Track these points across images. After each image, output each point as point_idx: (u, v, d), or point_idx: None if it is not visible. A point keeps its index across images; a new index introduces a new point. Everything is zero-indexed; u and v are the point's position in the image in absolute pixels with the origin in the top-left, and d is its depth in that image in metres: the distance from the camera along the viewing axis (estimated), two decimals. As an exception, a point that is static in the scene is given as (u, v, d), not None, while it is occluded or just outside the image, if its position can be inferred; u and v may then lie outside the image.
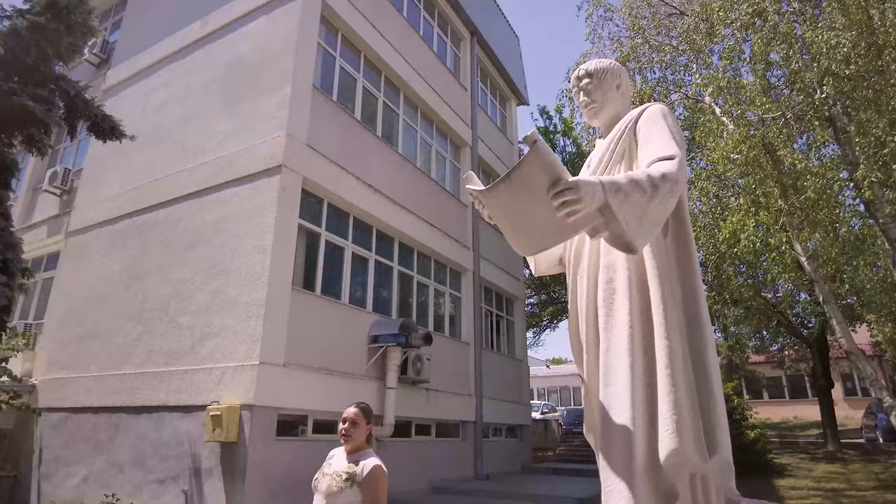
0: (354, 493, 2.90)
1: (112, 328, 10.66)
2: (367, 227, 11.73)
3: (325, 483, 2.98)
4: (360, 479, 2.91)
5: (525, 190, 2.17)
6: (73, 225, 12.75)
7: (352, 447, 3.10)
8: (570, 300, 2.81)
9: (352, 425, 3.11)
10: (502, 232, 2.50)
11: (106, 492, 9.07)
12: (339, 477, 2.95)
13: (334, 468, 3.03)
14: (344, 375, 10.04)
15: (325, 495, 2.96)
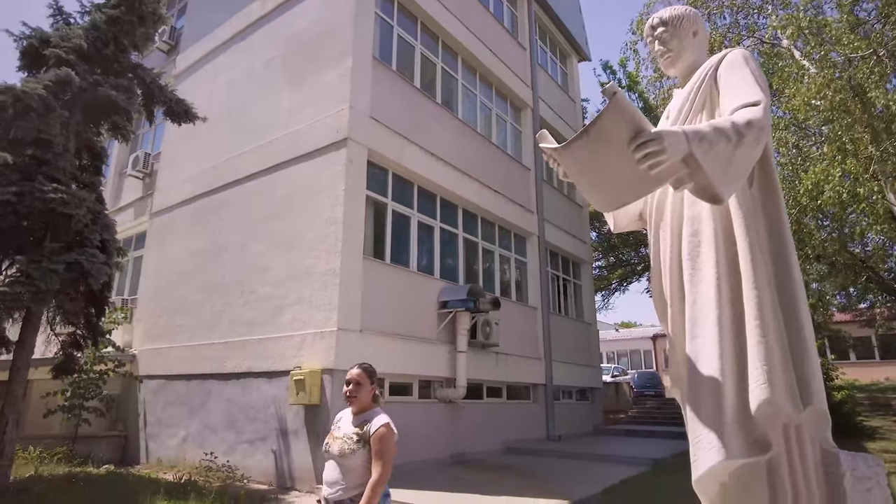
0: (367, 453, 2.87)
1: (197, 301, 11.36)
2: (431, 195, 11.83)
3: (337, 446, 2.92)
4: (369, 439, 2.89)
5: (604, 144, 2.14)
6: (156, 206, 13.55)
7: (358, 408, 3.05)
8: (652, 255, 2.77)
9: (356, 386, 3.05)
10: (580, 189, 2.48)
11: (202, 451, 9.81)
12: (350, 439, 2.91)
13: (343, 431, 2.99)
14: (416, 340, 10.31)
15: (338, 458, 2.91)
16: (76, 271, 7.83)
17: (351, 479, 2.84)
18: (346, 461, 2.84)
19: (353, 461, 2.83)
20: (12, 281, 7.50)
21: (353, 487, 2.83)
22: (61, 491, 7.44)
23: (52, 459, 9.93)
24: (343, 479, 2.84)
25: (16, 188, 7.60)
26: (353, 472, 2.84)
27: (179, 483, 8.30)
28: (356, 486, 2.82)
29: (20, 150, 8.28)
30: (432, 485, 8.24)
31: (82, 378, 10.36)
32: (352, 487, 2.83)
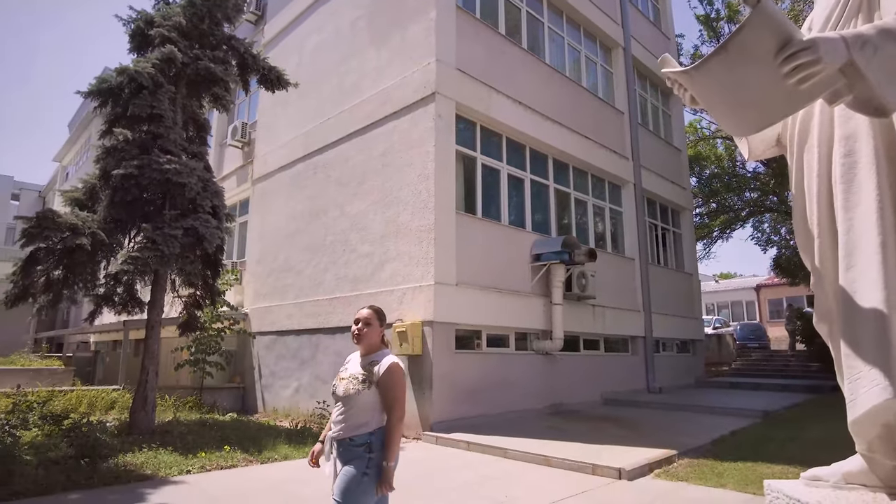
0: (373, 394, 2.78)
1: (301, 261, 11.95)
2: (520, 146, 11.58)
3: (343, 387, 2.84)
4: (377, 379, 2.79)
5: (745, 59, 1.93)
6: (257, 173, 14.23)
7: (365, 348, 2.95)
8: (794, 183, 2.52)
9: (365, 325, 2.94)
10: (711, 114, 2.28)
11: (314, 401, 10.46)
12: (356, 379, 2.82)
13: (350, 371, 2.91)
14: (511, 293, 10.31)
15: (342, 398, 2.83)
16: (192, 236, 8.44)
17: (353, 418, 2.78)
18: (351, 401, 2.78)
19: (357, 401, 2.76)
20: (140, 247, 8.20)
21: (354, 426, 2.77)
22: (197, 433, 8.23)
23: (185, 407, 11.00)
24: (346, 418, 2.79)
25: (136, 162, 8.21)
26: (356, 411, 2.77)
27: (296, 429, 8.93)
28: (358, 425, 2.77)
29: (137, 127, 8.91)
30: (531, 433, 8.34)
31: (203, 335, 11.29)
32: (353, 426, 2.77)
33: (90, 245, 7.94)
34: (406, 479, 6.19)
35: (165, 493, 5.33)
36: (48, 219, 7.80)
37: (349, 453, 2.75)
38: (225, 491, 5.50)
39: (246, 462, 6.71)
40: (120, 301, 9.31)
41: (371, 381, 2.77)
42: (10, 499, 5.03)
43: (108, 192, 8.44)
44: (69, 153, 33.67)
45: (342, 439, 2.78)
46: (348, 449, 2.76)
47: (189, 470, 6.21)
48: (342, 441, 2.78)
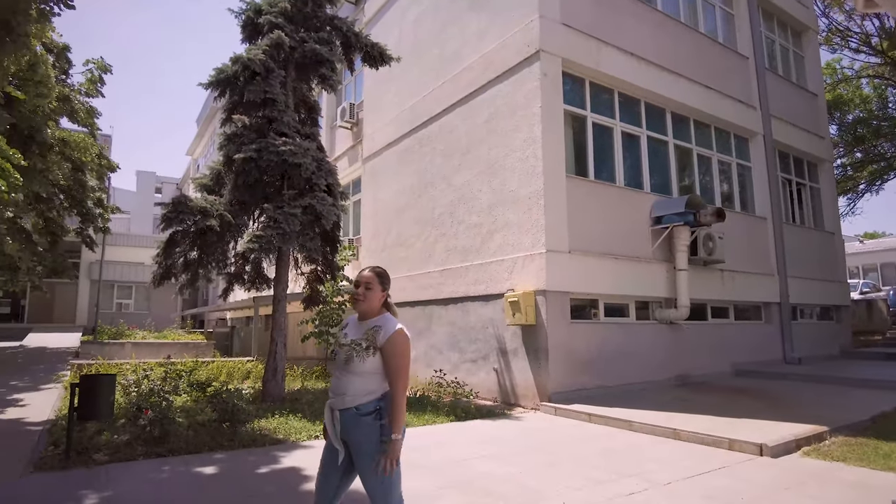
0: (376, 361, 2.64)
1: (412, 235, 12.11)
2: (634, 101, 10.81)
3: (344, 353, 2.69)
4: (381, 345, 2.63)
5: None
6: (366, 152, 14.57)
7: (364, 310, 2.76)
8: None
9: (366, 288, 2.75)
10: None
11: (431, 369, 10.64)
12: (359, 345, 2.65)
13: (350, 337, 2.74)
14: (629, 259, 9.76)
15: (344, 365, 2.69)
16: (311, 213, 8.78)
17: (357, 385, 2.64)
18: (354, 367, 2.63)
19: (360, 368, 2.62)
20: (264, 226, 8.66)
21: (359, 395, 2.63)
22: (323, 401, 8.63)
23: (312, 376, 11.67)
24: (349, 386, 2.65)
25: (255, 146, 8.64)
26: (359, 378, 2.64)
27: (415, 397, 9.12)
28: (363, 393, 2.63)
29: (253, 113, 9.37)
30: (656, 405, 7.88)
31: (326, 308, 11.83)
32: (358, 395, 2.63)
33: (219, 226, 8.52)
34: (530, 447, 6.11)
35: (296, 456, 5.62)
36: (182, 203, 8.45)
37: (355, 423, 2.62)
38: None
39: (369, 429, 6.93)
40: (249, 278, 9.99)
41: (375, 347, 2.63)
42: (167, 455, 5.55)
43: (231, 177, 8.98)
44: (199, 146, 36.71)
45: (346, 409, 2.64)
46: (354, 418, 2.62)
47: (317, 436, 6.51)
48: (346, 410, 2.64)
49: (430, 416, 7.61)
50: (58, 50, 17.73)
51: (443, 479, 4.80)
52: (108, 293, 29.65)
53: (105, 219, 21.33)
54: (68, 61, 18.46)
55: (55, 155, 16.69)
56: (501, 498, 4.31)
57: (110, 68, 19.72)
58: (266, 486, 4.61)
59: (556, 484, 4.67)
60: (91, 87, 19.32)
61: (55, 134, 16.86)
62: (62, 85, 17.74)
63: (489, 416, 7.94)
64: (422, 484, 4.66)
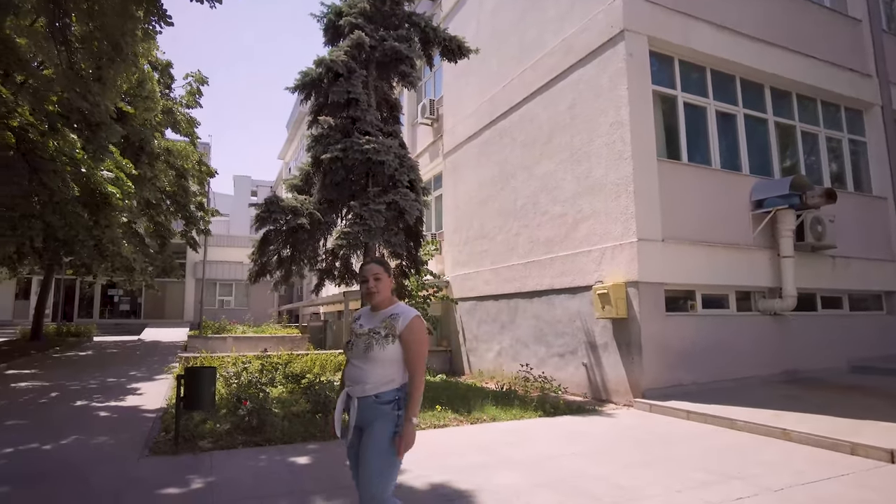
0: (396, 349, 2.64)
1: (494, 227, 12.01)
2: (728, 77, 10.09)
3: (363, 343, 2.67)
4: (400, 332, 2.64)
5: None
6: (446, 146, 14.61)
7: (378, 302, 2.77)
8: None
9: (375, 280, 2.75)
10: None
11: (517, 363, 10.52)
12: (378, 334, 2.65)
13: (368, 327, 2.73)
14: (727, 247, 9.14)
15: (364, 354, 2.65)
16: (394, 209, 8.91)
17: (377, 374, 2.63)
18: (374, 355, 2.62)
19: (380, 356, 2.62)
20: (351, 223, 8.90)
21: (380, 383, 2.63)
22: (411, 394, 8.77)
23: (400, 370, 11.88)
24: (369, 375, 2.63)
25: (340, 145, 8.87)
26: (379, 367, 2.63)
27: (502, 391, 9.05)
28: (384, 381, 2.63)
29: (338, 113, 9.61)
30: (761, 402, 7.32)
31: (411, 302, 12.02)
32: (379, 383, 2.63)
33: (309, 224, 8.84)
34: (623, 445, 5.86)
35: (388, 447, 5.70)
36: (274, 203, 8.84)
37: (374, 411, 2.61)
38: (439, 449, 5.71)
39: (456, 422, 6.93)
40: (339, 274, 10.31)
41: (394, 336, 2.64)
42: (264, 444, 5.81)
43: (319, 176, 9.28)
44: (289, 150, 38.43)
45: (365, 397, 2.63)
46: (373, 407, 2.61)
47: (406, 427, 6.59)
48: (365, 399, 2.63)
49: (517, 411, 7.50)
50: (161, 67, 19.13)
51: (534, 476, 4.70)
52: (210, 291, 31.76)
53: (206, 221, 22.84)
54: (171, 76, 19.87)
55: (161, 163, 18.02)
56: (595, 498, 4.14)
57: (207, 80, 21.03)
58: (358, 477, 4.71)
59: (654, 485, 4.43)
60: (190, 98, 20.70)
61: (161, 144, 18.22)
62: (166, 99, 19.13)
63: (579, 412, 7.72)
64: (514, 480, 4.58)
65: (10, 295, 28.01)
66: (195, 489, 4.38)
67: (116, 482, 4.54)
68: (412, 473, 4.73)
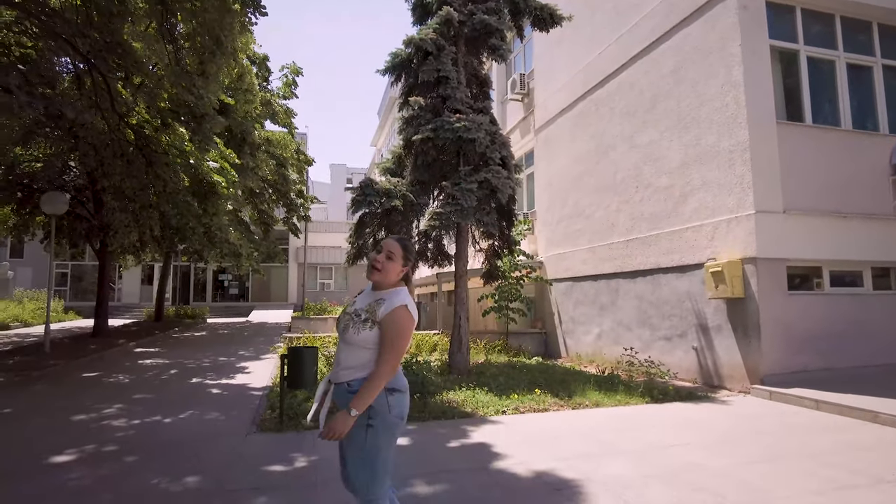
0: (373, 335, 2.33)
1: (591, 204, 11.45)
2: (863, 24, 8.87)
3: (341, 324, 2.45)
4: (380, 319, 2.33)
5: None
6: (538, 121, 14.12)
7: (379, 280, 2.46)
8: None
9: (386, 257, 2.45)
10: None
11: (617, 347, 10.02)
12: (357, 316, 2.39)
13: (356, 307, 2.46)
14: (861, 217, 8.11)
15: (342, 336, 2.42)
16: (486, 188, 8.68)
17: (351, 359, 2.38)
18: (349, 338, 2.37)
19: (355, 339, 2.35)
20: (442, 203, 8.78)
21: (353, 370, 2.37)
22: (508, 375, 8.59)
23: (494, 350, 11.73)
24: (345, 359, 2.40)
25: (431, 125, 8.74)
26: (354, 351, 2.37)
27: (603, 376, 8.64)
28: (357, 367, 2.36)
29: (428, 93, 9.49)
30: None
31: (504, 283, 11.79)
32: (350, 369, 2.37)
33: (402, 206, 8.81)
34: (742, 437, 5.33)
35: (485, 431, 5.55)
36: (368, 186, 8.89)
37: (345, 400, 2.32)
38: (539, 433, 5.48)
39: (557, 406, 6.66)
40: (432, 255, 10.29)
41: (374, 321, 2.35)
42: (366, 425, 5.85)
43: (411, 158, 9.23)
44: (381, 136, 39.15)
45: (339, 383, 2.40)
46: (345, 395, 2.35)
47: (504, 410, 6.41)
48: (339, 386, 2.40)
49: (622, 397, 7.10)
50: (259, 60, 19.96)
51: (644, 467, 4.35)
52: (312, 274, 33.23)
53: (306, 208, 23.80)
54: (268, 69, 20.71)
55: (262, 153, 18.89)
56: (717, 495, 3.75)
57: (301, 71, 21.73)
58: (455, 461, 4.58)
59: (785, 484, 3.95)
60: (287, 89, 21.50)
61: (261, 135, 19.08)
62: (264, 91, 19.97)
63: (690, 398, 7.18)
64: (622, 470, 4.27)
65: (136, 280, 30.83)
66: (298, 468, 4.44)
67: (226, 457, 4.71)
68: (514, 459, 4.54)
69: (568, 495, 3.77)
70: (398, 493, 2.93)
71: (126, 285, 30.69)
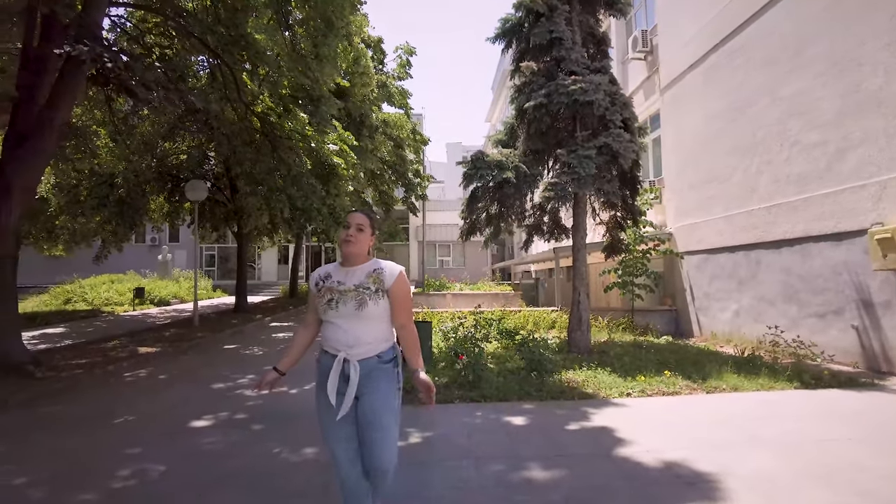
0: (385, 304, 2.47)
1: (727, 167, 10.34)
2: None
3: (352, 301, 2.42)
4: (389, 287, 2.47)
5: None
6: (664, 80, 12.99)
7: (354, 253, 2.52)
8: None
9: (357, 230, 2.53)
10: None
11: (758, 326, 9.02)
12: (368, 289, 2.44)
13: (352, 283, 2.47)
14: None
15: (355, 314, 2.42)
16: (606, 153, 8.09)
17: (376, 332, 2.46)
18: (369, 312, 2.42)
19: (375, 313, 2.43)
20: (558, 173, 8.34)
21: (379, 342, 2.47)
22: (633, 355, 8.05)
23: (617, 328, 11.12)
24: (366, 334, 2.44)
25: (544, 91, 8.29)
26: (374, 324, 2.45)
27: (742, 357, 7.81)
28: (382, 339, 2.48)
29: (540, 57, 9.02)
30: None
31: (628, 257, 11.07)
32: (378, 342, 2.47)
33: (515, 178, 8.48)
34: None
35: (608, 414, 5.18)
36: (479, 159, 8.67)
37: (378, 372, 2.44)
38: (669, 419, 5.00)
39: (689, 389, 6.08)
40: (547, 229, 9.92)
41: (383, 291, 2.47)
42: (480, 400, 5.72)
43: (524, 127, 8.86)
44: (495, 111, 38.68)
45: (367, 358, 2.43)
46: (377, 367, 2.44)
47: (629, 392, 5.97)
48: (367, 360, 2.43)
49: (765, 381, 6.33)
50: (374, 43, 20.37)
51: (795, 463, 3.78)
52: (430, 252, 33.95)
53: (423, 187, 24.17)
54: (382, 52, 21.08)
55: (380, 135, 19.34)
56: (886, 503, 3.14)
57: (415, 50, 21.86)
58: (575, 445, 4.29)
59: None
60: (401, 70, 21.77)
61: (378, 117, 19.52)
62: (379, 73, 20.38)
63: (849, 385, 6.23)
64: (768, 465, 3.74)
65: (273, 260, 33.42)
66: (413, 443, 4.40)
67: (345, 429, 4.80)
68: (640, 446, 4.16)
69: (704, 491, 3.34)
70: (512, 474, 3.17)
71: (265, 265, 33.36)
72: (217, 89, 10.62)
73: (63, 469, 3.98)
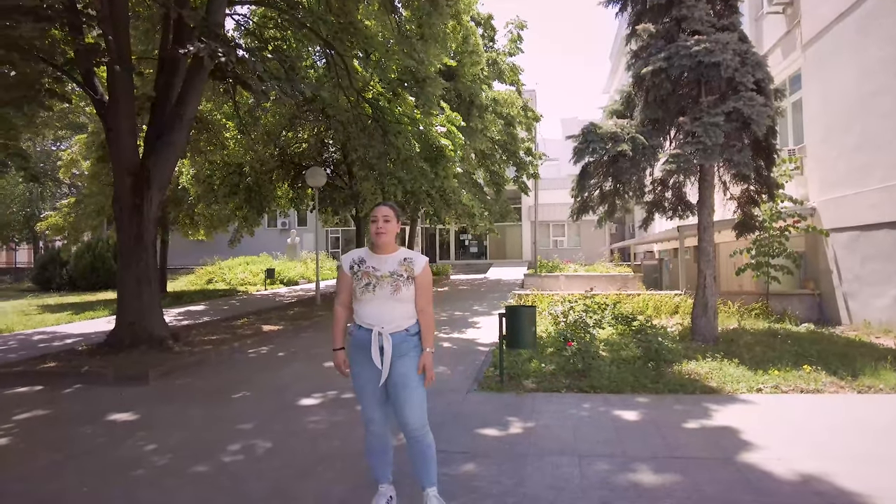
0: (412, 289, 2.87)
1: (885, 130, 8.88)
2: None
3: (388, 286, 2.82)
4: (415, 275, 2.87)
5: None
6: (807, 34, 11.42)
7: (386, 242, 2.90)
8: None
9: (385, 221, 2.88)
10: None
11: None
12: (401, 276, 2.84)
13: (387, 269, 2.85)
14: None
15: (392, 297, 2.82)
16: (736, 119, 7.24)
17: (404, 311, 2.86)
18: (402, 296, 2.83)
19: (407, 296, 2.85)
20: (680, 143, 7.63)
21: (407, 318, 2.88)
22: (766, 345, 7.23)
23: (749, 314, 10.08)
24: (399, 312, 2.85)
25: (663, 54, 7.57)
26: (404, 305, 2.85)
27: (906, 350, 6.71)
28: (409, 317, 2.88)
29: (659, 18, 8.24)
30: None
31: (763, 235, 9.97)
32: (406, 318, 2.87)
33: (631, 150, 7.86)
34: None
35: (733, 412, 4.62)
36: (591, 132, 8.12)
37: (407, 343, 2.85)
38: (807, 422, 4.36)
39: (834, 388, 5.29)
40: (669, 205, 9.18)
41: (412, 277, 2.86)
42: (589, 391, 5.39)
43: (641, 95, 8.18)
44: (613, 83, 36.73)
45: (399, 332, 2.84)
46: (405, 339, 2.85)
47: (760, 388, 5.31)
48: (399, 333, 2.84)
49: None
50: (483, 21, 20.02)
51: (980, 486, 3.10)
52: (544, 231, 33.24)
53: (534, 165, 23.56)
54: (492, 28, 20.67)
55: (490, 114, 19.04)
56: None
57: (525, 24, 21.20)
58: (692, 446, 3.85)
59: None
60: (512, 45, 21.22)
61: (488, 95, 19.22)
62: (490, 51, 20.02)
63: None
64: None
65: (391, 242, 34.70)
66: (513, 433, 4.21)
67: (444, 415, 4.71)
68: (769, 452, 3.65)
69: (850, 514, 2.83)
70: (618, 475, 3.33)
71: (382, 247, 34.72)
72: (330, 78, 10.95)
73: (185, 440, 4.27)
